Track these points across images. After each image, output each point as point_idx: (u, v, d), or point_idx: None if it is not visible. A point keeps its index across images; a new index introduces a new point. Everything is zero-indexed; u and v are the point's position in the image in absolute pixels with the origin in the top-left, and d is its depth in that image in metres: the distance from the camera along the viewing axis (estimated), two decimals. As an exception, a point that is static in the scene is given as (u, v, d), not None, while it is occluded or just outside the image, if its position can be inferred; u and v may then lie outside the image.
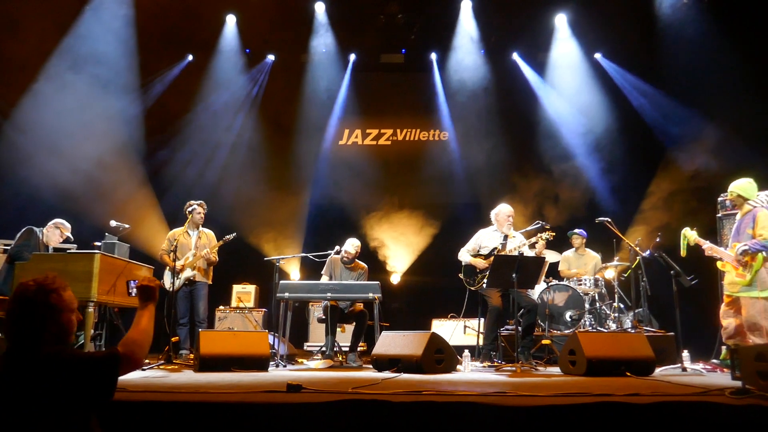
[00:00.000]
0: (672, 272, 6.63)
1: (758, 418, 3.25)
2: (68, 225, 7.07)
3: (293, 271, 10.85)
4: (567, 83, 11.35)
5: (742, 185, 6.22)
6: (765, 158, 8.42)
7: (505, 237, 7.26)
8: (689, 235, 6.39)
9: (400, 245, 11.09)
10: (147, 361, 6.61)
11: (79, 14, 9.93)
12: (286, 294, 6.98)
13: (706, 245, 6.32)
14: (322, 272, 7.82)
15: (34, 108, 9.52)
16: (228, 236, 7.74)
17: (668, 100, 10.52)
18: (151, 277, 2.80)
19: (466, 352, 6.22)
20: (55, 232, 6.96)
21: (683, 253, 6.44)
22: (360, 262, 7.90)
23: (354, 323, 7.63)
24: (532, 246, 7.13)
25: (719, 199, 7.73)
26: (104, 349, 2.50)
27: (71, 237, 7.10)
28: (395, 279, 11.11)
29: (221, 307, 9.35)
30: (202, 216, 7.79)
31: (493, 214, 7.43)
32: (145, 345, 2.65)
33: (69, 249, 7.44)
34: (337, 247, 7.71)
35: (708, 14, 9.86)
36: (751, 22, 9.33)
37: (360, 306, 7.62)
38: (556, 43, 11.30)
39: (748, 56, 9.20)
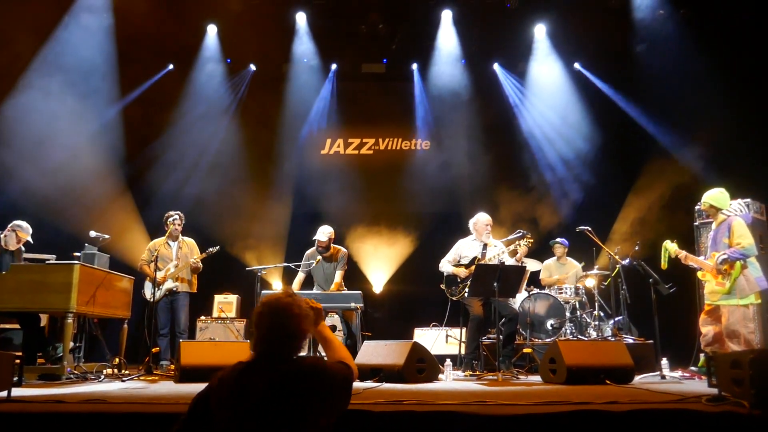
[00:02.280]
0: (650, 280, 6.71)
1: (733, 425, 3.30)
2: (26, 226, 6.85)
3: (275, 281, 10.81)
4: (547, 93, 11.44)
5: (715, 195, 6.32)
6: (739, 168, 8.57)
7: (485, 246, 7.30)
8: (670, 247, 6.47)
9: (382, 254, 11.10)
10: (127, 372, 6.57)
11: (58, 23, 9.86)
12: (268, 304, 6.94)
13: (683, 254, 6.40)
14: (300, 270, 7.80)
15: (13, 117, 9.42)
16: (211, 249, 7.72)
17: (646, 109, 10.66)
18: (312, 300, 2.85)
19: (448, 361, 6.23)
20: (12, 236, 6.77)
21: (664, 265, 6.52)
22: (337, 247, 7.88)
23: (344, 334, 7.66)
24: (514, 253, 7.17)
25: (696, 207, 7.84)
26: (335, 363, 2.57)
27: (31, 241, 6.94)
28: (377, 288, 11.11)
29: (203, 318, 9.29)
30: (178, 228, 7.75)
31: (471, 223, 7.46)
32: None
33: (48, 259, 7.37)
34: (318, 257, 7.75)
35: (685, 25, 10.00)
36: (727, 33, 9.49)
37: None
38: (536, 54, 11.39)
39: (723, 67, 9.34)
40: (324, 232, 7.70)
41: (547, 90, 11.44)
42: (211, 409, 2.40)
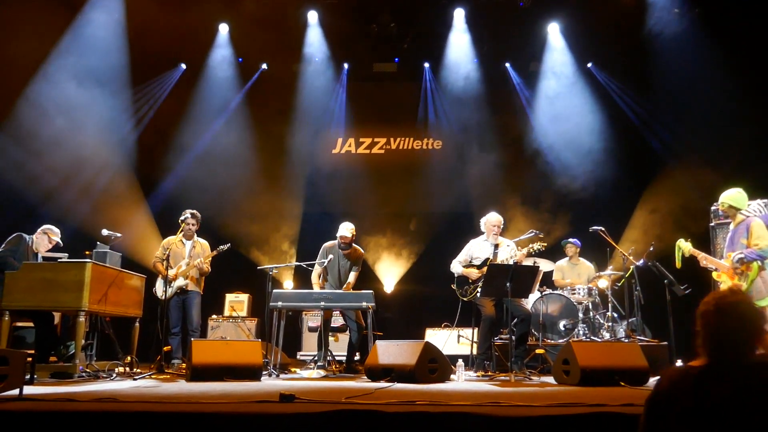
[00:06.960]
0: (665, 281, 6.64)
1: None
2: (57, 231, 6.93)
3: (287, 280, 10.81)
4: (559, 92, 11.35)
5: (733, 195, 6.24)
6: (755, 168, 8.47)
7: (496, 246, 7.25)
8: (684, 246, 6.40)
9: (394, 254, 11.07)
10: (138, 370, 6.57)
11: (71, 23, 9.90)
12: (279, 303, 6.95)
13: (701, 256, 6.33)
14: (316, 263, 7.75)
15: (26, 116, 9.47)
16: (222, 247, 7.68)
17: (659, 109, 10.56)
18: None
19: (460, 362, 6.19)
20: (44, 239, 6.81)
21: (678, 264, 6.44)
22: (356, 246, 7.84)
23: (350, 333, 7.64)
24: (529, 255, 7.13)
25: (712, 208, 7.75)
26: None
27: (60, 243, 6.99)
28: (388, 288, 11.08)
29: (214, 316, 9.31)
30: (192, 229, 7.71)
31: (482, 222, 7.43)
32: None
33: (60, 258, 7.38)
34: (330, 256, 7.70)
35: (700, 23, 9.91)
36: (744, 31, 9.38)
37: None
38: (549, 53, 11.32)
39: (739, 65, 9.24)
40: (347, 228, 7.67)
41: (559, 88, 11.35)
42: (664, 411, 2.30)
